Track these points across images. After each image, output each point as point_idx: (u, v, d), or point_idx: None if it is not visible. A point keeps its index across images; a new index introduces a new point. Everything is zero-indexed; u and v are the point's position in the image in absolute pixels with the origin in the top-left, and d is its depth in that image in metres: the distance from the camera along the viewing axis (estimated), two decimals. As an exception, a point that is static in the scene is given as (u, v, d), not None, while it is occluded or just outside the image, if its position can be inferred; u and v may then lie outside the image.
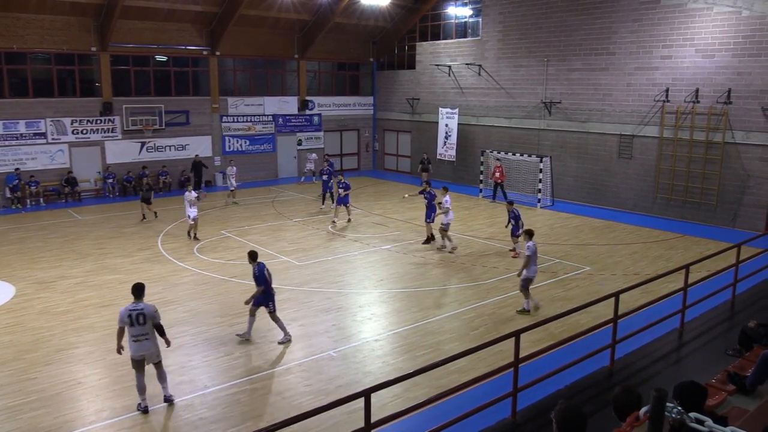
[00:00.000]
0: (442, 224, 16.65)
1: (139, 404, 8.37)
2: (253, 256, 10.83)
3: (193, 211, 17.90)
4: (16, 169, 23.43)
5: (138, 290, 8.43)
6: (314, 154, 31.61)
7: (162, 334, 8.44)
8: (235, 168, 24.11)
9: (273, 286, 10.87)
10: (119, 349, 8.40)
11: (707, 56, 19.73)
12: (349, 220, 20.21)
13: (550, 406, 3.87)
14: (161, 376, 8.52)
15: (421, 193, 17.81)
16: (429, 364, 7.48)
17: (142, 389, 8.35)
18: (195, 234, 18.15)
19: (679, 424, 3.43)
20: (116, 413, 8.35)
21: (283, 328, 10.75)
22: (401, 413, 6.54)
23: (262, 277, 10.49)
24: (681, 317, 10.09)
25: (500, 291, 13.49)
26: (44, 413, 8.34)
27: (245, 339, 10.76)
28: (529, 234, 12.18)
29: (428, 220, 17.38)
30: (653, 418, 3.26)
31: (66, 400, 8.71)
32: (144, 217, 20.70)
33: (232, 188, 23.80)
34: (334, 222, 19.77)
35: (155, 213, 20.95)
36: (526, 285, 12.00)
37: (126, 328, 8.24)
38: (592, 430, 3.92)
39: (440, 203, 16.72)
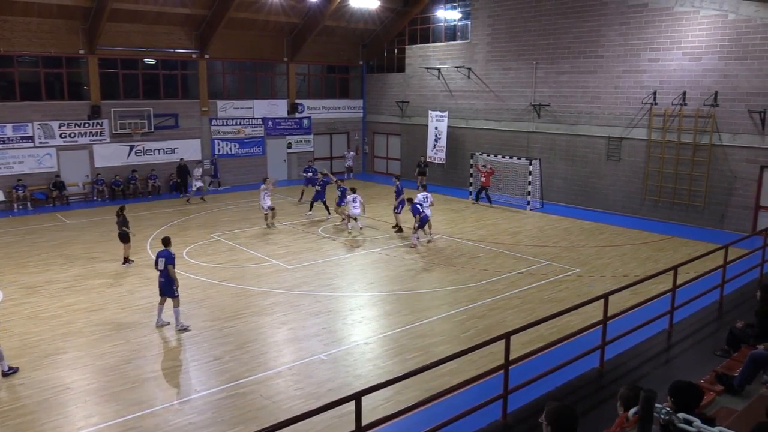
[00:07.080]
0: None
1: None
2: (164, 242, 11.90)
3: (267, 202, 19.80)
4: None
5: None
6: (352, 152, 31.84)
7: None
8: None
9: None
10: None
11: (694, 59, 19.92)
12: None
13: (540, 407, 3.88)
14: None
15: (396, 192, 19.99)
16: (420, 366, 7.46)
17: None
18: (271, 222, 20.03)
19: (668, 424, 3.45)
20: (105, 418, 8.29)
21: (158, 315, 11.65)
22: (392, 416, 6.55)
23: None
24: (670, 318, 10.16)
25: (491, 293, 13.52)
26: (32, 419, 8.26)
27: (162, 325, 11.60)
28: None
29: (396, 211, 19.73)
30: (642, 419, 3.28)
31: (54, 406, 8.63)
32: (126, 261, 15.81)
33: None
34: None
35: (128, 259, 15.90)
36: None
37: None
38: (583, 430, 3.94)
39: (410, 198, 18.29)
